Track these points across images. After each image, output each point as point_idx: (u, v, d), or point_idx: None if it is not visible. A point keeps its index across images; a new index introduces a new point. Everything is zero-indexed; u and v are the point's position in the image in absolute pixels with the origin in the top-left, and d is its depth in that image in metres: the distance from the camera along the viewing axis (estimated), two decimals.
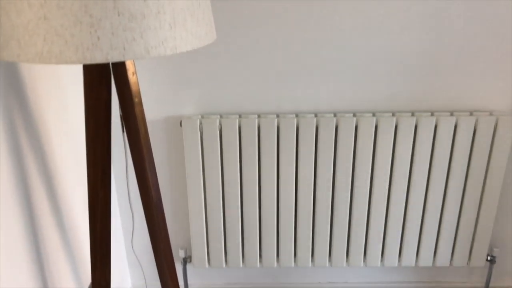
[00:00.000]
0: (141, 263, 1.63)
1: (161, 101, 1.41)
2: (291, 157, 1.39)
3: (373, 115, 1.38)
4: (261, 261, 1.56)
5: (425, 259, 1.55)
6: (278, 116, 1.39)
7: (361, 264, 1.56)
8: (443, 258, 1.54)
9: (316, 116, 1.38)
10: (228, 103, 1.41)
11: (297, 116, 1.38)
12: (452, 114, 1.38)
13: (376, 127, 1.37)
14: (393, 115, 1.38)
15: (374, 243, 1.52)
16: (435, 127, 1.37)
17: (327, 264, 1.56)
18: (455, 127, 1.37)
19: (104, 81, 0.76)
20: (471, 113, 1.38)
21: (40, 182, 0.98)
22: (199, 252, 1.53)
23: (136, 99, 0.76)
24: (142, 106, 0.78)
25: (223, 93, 1.40)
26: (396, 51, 1.34)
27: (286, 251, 1.53)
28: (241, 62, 1.36)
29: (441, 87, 1.38)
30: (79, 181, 1.21)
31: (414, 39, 1.33)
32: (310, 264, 1.56)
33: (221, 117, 1.39)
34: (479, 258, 1.54)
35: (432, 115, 1.38)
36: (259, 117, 1.38)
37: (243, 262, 1.56)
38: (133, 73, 0.76)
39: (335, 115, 1.38)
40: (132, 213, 1.44)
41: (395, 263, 1.55)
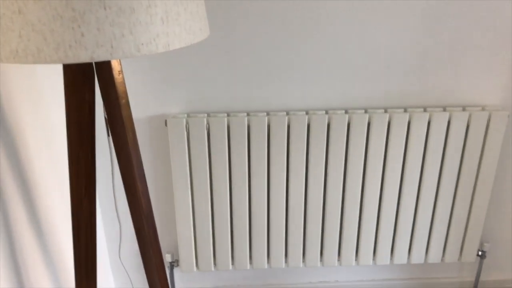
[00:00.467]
0: (128, 273, 1.56)
1: (144, 100, 1.34)
2: (282, 156, 1.35)
3: (366, 111, 1.35)
4: (251, 263, 1.51)
5: (417, 256, 1.53)
6: (268, 114, 1.34)
7: (353, 263, 1.53)
8: (435, 254, 1.53)
9: (307, 113, 1.33)
10: (215, 101, 1.35)
11: (287, 114, 1.33)
12: (445, 109, 1.36)
13: (368, 124, 1.34)
14: (386, 111, 1.35)
15: (366, 242, 1.49)
16: (428, 123, 1.34)
17: (319, 264, 1.52)
18: (448, 122, 1.34)
19: (87, 81, 0.69)
20: (464, 109, 1.36)
21: (15, 189, 0.90)
22: (186, 255, 1.47)
23: (123, 101, 0.70)
24: (129, 108, 0.71)
25: (210, 91, 1.34)
26: (388, 48, 1.31)
27: (277, 252, 1.49)
28: (229, 58, 1.30)
29: (433, 83, 1.36)
30: (58, 187, 1.13)
31: (406, 35, 1.29)
32: (301, 264, 1.52)
33: (209, 115, 1.33)
34: (470, 253, 1.53)
35: (425, 111, 1.35)
36: (248, 115, 1.33)
37: (233, 264, 1.51)
38: (119, 72, 0.69)
39: (327, 113, 1.33)
40: (119, 223, 1.37)
41: (387, 261, 1.53)
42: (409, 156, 1.37)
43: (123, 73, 0.72)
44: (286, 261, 1.52)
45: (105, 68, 0.68)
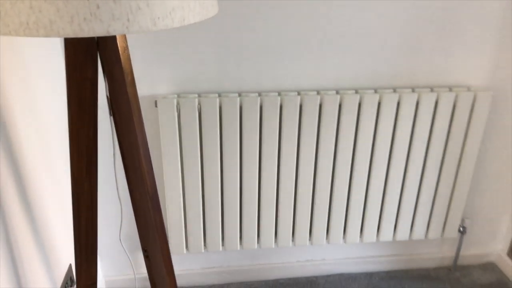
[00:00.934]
0: (128, 255, 1.55)
1: None
2: (274, 136, 1.35)
3: (356, 92, 1.36)
4: (241, 243, 1.52)
5: (402, 234, 1.58)
6: (260, 94, 1.33)
7: (341, 241, 1.56)
8: (419, 231, 1.58)
9: (299, 94, 1.33)
10: (205, 81, 1.33)
11: (279, 94, 1.32)
12: (432, 90, 1.38)
13: (359, 104, 1.35)
14: (376, 92, 1.36)
15: (353, 220, 1.52)
16: (417, 103, 1.37)
17: (308, 243, 1.54)
18: (436, 102, 1.37)
19: (90, 58, 0.66)
20: (451, 89, 1.39)
21: (6, 177, 0.87)
22: (176, 237, 1.46)
23: (129, 78, 0.67)
24: (135, 86, 0.69)
25: (200, 71, 1.31)
26: (378, 30, 1.31)
27: (267, 232, 1.50)
28: (219, 38, 1.27)
29: (421, 64, 1.38)
30: (50, 174, 1.10)
31: (395, 17, 1.30)
32: (291, 244, 1.54)
33: (199, 96, 1.30)
34: (452, 229, 1.59)
35: (413, 91, 1.37)
36: (239, 95, 1.31)
37: (223, 245, 1.51)
38: (125, 48, 0.67)
39: (319, 93, 1.34)
40: (120, 204, 1.34)
41: (374, 239, 1.57)
42: (398, 135, 1.40)
43: (128, 49, 0.69)
44: (276, 241, 1.53)
45: (109, 44, 0.65)
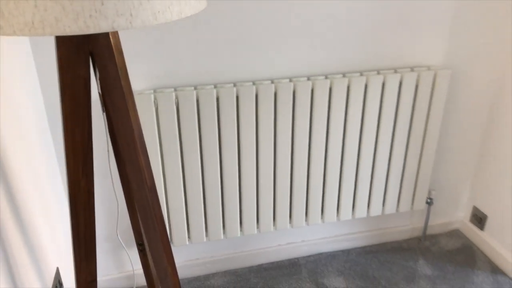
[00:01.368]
0: (126, 250, 1.54)
1: None
2: (251, 125, 1.38)
3: (326, 77, 1.41)
4: (224, 233, 1.55)
5: (375, 209, 1.66)
6: (235, 85, 1.35)
7: (319, 221, 1.62)
8: (390, 206, 1.67)
9: (273, 82, 1.37)
10: (181, 75, 1.34)
11: (254, 84, 1.36)
12: (396, 71, 1.46)
13: (330, 89, 1.41)
14: (344, 76, 1.43)
15: (330, 200, 1.59)
16: (383, 84, 1.44)
17: (288, 226, 1.60)
18: (400, 83, 1.46)
19: (82, 55, 0.67)
20: (412, 69, 1.48)
21: None
22: None
23: (123, 72, 0.68)
24: (129, 80, 0.70)
25: (176, 65, 1.32)
26: (344, 18, 1.37)
27: (249, 219, 1.54)
28: (192, 30, 1.28)
29: (385, 48, 1.45)
30: (32, 177, 1.07)
31: (360, 6, 1.36)
32: (272, 228, 1.58)
33: (176, 90, 1.31)
34: (420, 202, 1.70)
35: (379, 73, 1.45)
36: (215, 87, 1.33)
37: (207, 236, 1.54)
38: (118, 43, 0.67)
39: (291, 80, 1.38)
40: (117, 199, 1.34)
41: (349, 216, 1.65)
42: (367, 116, 1.47)
43: (120, 44, 0.70)
44: (258, 227, 1.58)
45: (101, 40, 0.66)
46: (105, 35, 0.66)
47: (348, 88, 1.42)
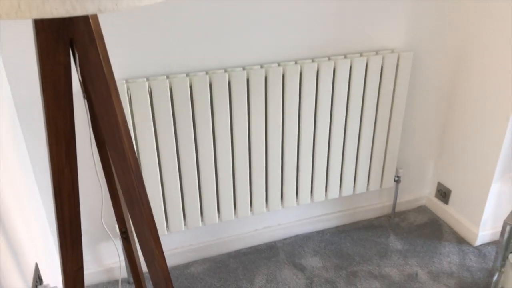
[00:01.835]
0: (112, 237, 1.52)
1: None
2: (225, 111, 1.40)
3: (296, 63, 1.45)
4: (202, 220, 1.57)
5: (347, 189, 1.73)
6: (207, 73, 1.37)
7: (294, 204, 1.67)
8: (361, 185, 1.74)
9: (244, 69, 1.39)
10: (152, 64, 1.34)
11: (226, 71, 1.38)
12: (361, 54, 1.52)
13: (300, 74, 1.45)
14: (313, 61, 1.47)
15: (304, 183, 1.64)
16: (350, 68, 1.50)
17: (265, 210, 1.64)
18: (366, 66, 1.51)
19: (61, 41, 0.67)
20: (377, 52, 1.54)
21: None
22: None
23: (105, 57, 0.69)
24: (111, 65, 0.71)
25: (146, 54, 1.32)
26: (311, 4, 1.41)
27: (226, 205, 1.56)
28: (161, 19, 1.28)
29: (351, 32, 1.51)
30: (2, 171, 1.05)
31: None
32: (249, 213, 1.62)
33: (148, 79, 1.31)
34: (389, 180, 1.78)
35: (345, 57, 1.50)
36: (187, 75, 1.34)
37: (185, 224, 1.55)
38: (98, 28, 0.68)
39: (262, 67, 1.41)
40: (101, 186, 1.32)
41: (323, 198, 1.71)
42: (336, 99, 1.52)
43: (101, 29, 0.70)
44: (235, 213, 1.60)
45: (82, 25, 0.66)
46: (86, 20, 0.66)
47: (317, 72, 1.47)
